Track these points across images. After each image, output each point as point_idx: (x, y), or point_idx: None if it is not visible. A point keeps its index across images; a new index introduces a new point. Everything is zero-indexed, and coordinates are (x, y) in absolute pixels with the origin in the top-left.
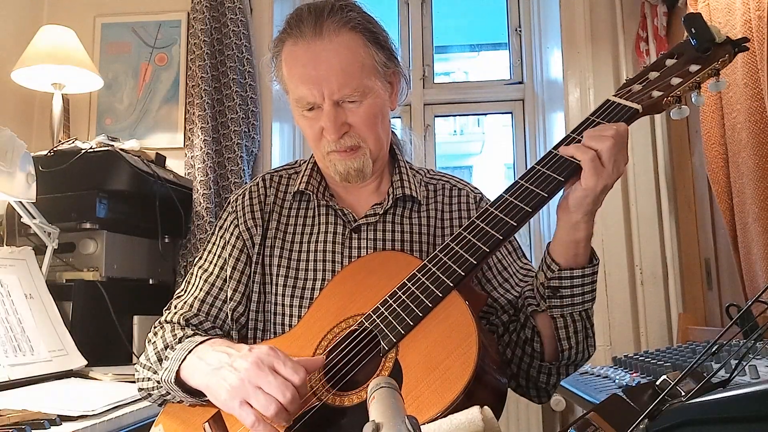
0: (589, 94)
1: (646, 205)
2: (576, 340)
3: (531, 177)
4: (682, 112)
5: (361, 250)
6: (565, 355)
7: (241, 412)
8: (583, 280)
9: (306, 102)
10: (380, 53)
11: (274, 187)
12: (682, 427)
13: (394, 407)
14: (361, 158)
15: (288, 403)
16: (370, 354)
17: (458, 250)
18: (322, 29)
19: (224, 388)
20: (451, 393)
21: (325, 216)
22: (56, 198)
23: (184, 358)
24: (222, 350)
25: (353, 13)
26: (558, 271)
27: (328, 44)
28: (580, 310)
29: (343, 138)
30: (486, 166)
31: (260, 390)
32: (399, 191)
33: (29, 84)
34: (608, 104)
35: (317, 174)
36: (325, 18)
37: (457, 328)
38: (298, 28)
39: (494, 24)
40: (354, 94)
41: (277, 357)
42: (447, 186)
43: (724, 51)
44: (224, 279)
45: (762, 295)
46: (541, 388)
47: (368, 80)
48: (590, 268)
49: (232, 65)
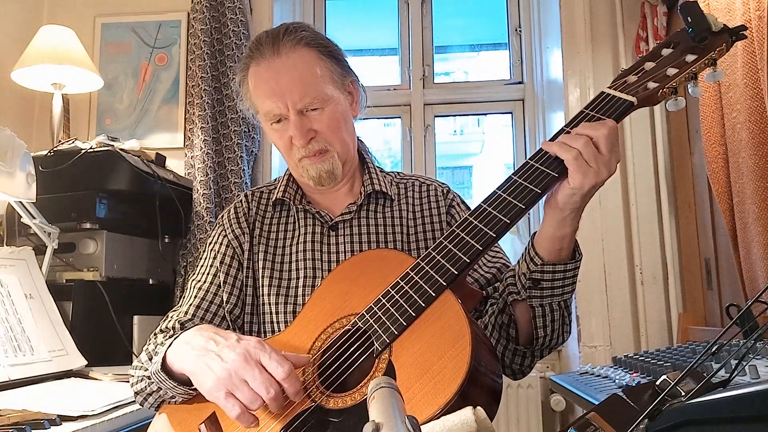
0: (589, 94)
1: (646, 205)
2: (552, 328)
3: (524, 173)
4: (679, 104)
5: (339, 245)
6: (540, 341)
7: (226, 403)
8: (564, 275)
9: (273, 114)
10: (336, 66)
11: (255, 201)
12: (682, 427)
13: (394, 407)
14: (330, 161)
15: (271, 400)
16: (363, 355)
17: (451, 249)
18: (279, 48)
19: (210, 377)
20: (444, 395)
21: (303, 219)
22: (56, 198)
23: (170, 344)
24: (209, 336)
25: (305, 32)
26: (541, 264)
27: (286, 60)
28: (559, 300)
29: (310, 143)
30: (486, 166)
31: (246, 384)
32: (370, 188)
33: (29, 84)
34: (603, 96)
35: (293, 183)
36: (281, 38)
37: (450, 328)
38: (258, 50)
39: (494, 24)
40: (315, 102)
41: (264, 350)
42: (416, 183)
43: (721, 40)
44: (218, 285)
45: (762, 295)
46: (516, 368)
47: (326, 89)
48: (572, 263)
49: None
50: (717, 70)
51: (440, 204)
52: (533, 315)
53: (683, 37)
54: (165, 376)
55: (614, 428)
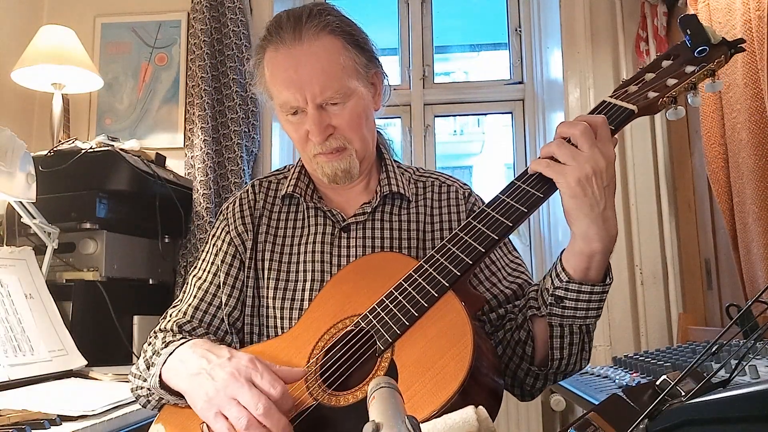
0: (589, 94)
1: (646, 205)
2: (569, 352)
3: (526, 177)
4: (678, 113)
5: (351, 249)
6: (555, 364)
7: (215, 422)
8: (590, 296)
9: (290, 106)
10: (361, 55)
11: (263, 192)
12: (682, 427)
13: (394, 407)
14: (347, 159)
15: (261, 416)
16: (366, 354)
17: (454, 251)
18: (301, 34)
19: (200, 397)
20: (445, 393)
21: (314, 218)
22: (56, 198)
23: (164, 362)
24: (202, 354)
25: (331, 17)
26: (566, 282)
27: (308, 48)
28: (581, 324)
29: (328, 140)
30: (486, 166)
31: (235, 401)
32: (386, 189)
33: (29, 84)
34: (604, 105)
35: (305, 177)
36: (304, 23)
37: (452, 327)
38: (278, 34)
39: (494, 24)
40: (336, 96)
41: (255, 369)
42: (436, 183)
43: (719, 52)
44: (218, 285)
45: (762, 295)
46: (526, 390)
47: (350, 82)
48: (600, 286)
49: (232, 65)
50: (716, 80)
51: (460, 208)
52: (551, 334)
53: (683, 49)
54: (164, 392)
55: (614, 428)
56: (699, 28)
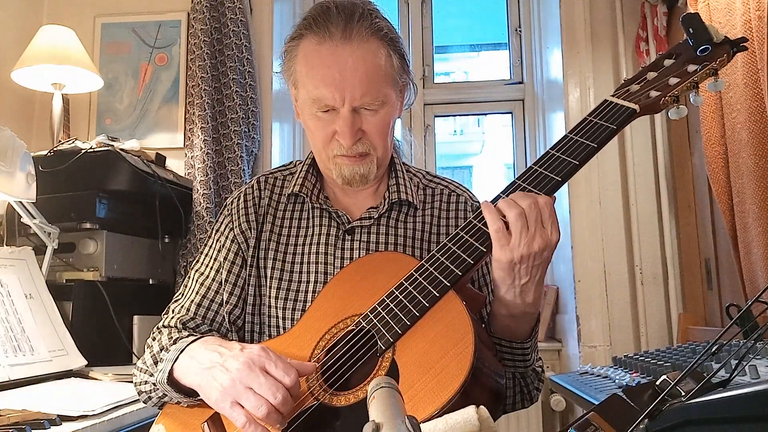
0: (589, 94)
1: (646, 205)
2: (512, 392)
3: (528, 177)
4: (680, 112)
5: (354, 251)
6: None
7: (232, 412)
8: (511, 350)
9: (324, 104)
10: (399, 63)
11: (268, 189)
12: (682, 427)
13: (394, 407)
14: (368, 165)
15: (279, 404)
16: (367, 354)
17: (455, 251)
18: (351, 33)
19: (216, 388)
20: (446, 392)
21: (319, 218)
22: (56, 198)
23: (176, 358)
24: (214, 349)
25: (379, 21)
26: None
27: (356, 50)
28: (512, 371)
29: (356, 144)
30: (486, 166)
31: (251, 391)
32: (395, 196)
33: (29, 84)
34: (606, 104)
35: (312, 176)
36: (356, 23)
37: (453, 327)
38: (326, 27)
39: (494, 24)
40: (374, 103)
41: (268, 358)
42: (445, 191)
43: (722, 51)
44: (220, 282)
45: (762, 295)
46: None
47: (387, 89)
48: (518, 344)
49: (232, 65)
50: (718, 79)
51: (468, 218)
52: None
53: (685, 48)
54: (170, 388)
55: (614, 428)
56: (701, 26)
